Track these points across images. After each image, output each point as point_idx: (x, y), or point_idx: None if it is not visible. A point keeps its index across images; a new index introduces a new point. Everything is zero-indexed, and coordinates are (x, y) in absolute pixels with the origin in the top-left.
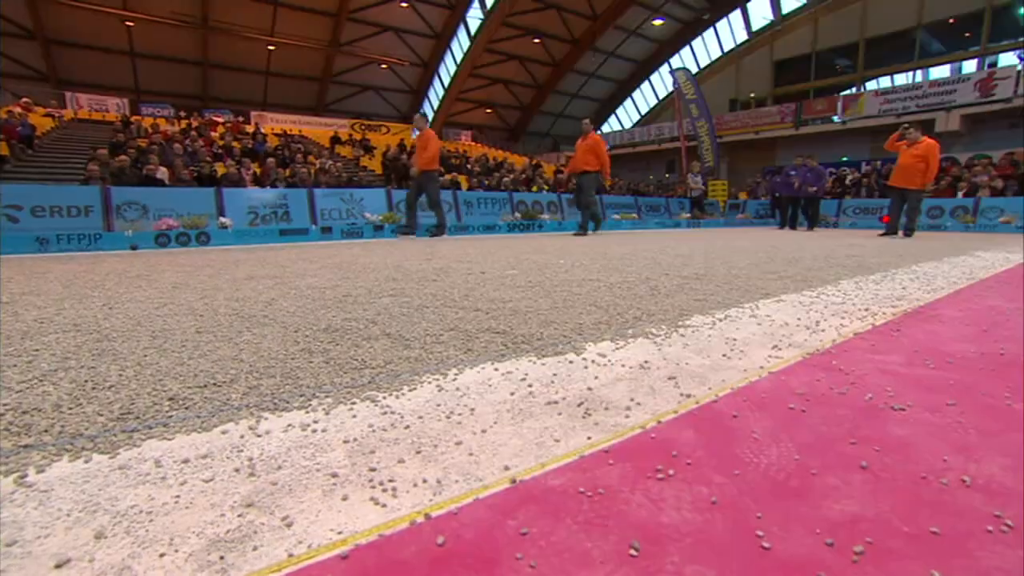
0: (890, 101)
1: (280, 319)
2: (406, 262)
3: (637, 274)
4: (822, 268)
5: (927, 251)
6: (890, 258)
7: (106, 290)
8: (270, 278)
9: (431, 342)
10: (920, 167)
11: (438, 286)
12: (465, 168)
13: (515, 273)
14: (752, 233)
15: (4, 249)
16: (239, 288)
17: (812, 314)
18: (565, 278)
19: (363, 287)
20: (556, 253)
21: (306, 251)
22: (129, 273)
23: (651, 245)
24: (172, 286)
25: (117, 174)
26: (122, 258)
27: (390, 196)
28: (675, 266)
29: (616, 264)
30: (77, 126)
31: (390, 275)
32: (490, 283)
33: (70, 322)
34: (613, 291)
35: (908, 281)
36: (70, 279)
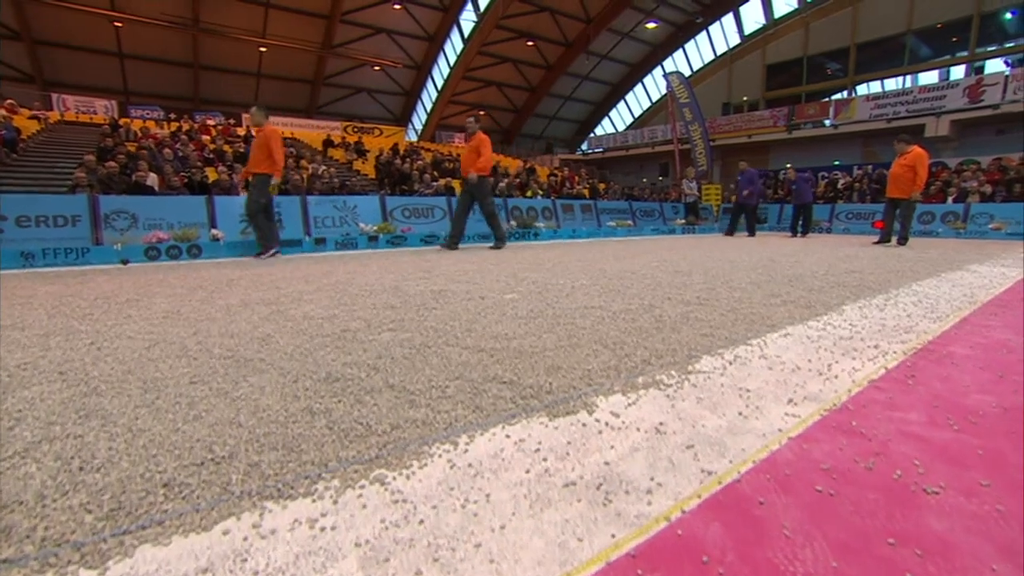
0: (881, 106)
1: (278, 363)
2: (404, 283)
3: (639, 299)
4: (824, 289)
5: (923, 264)
6: (888, 275)
7: (94, 321)
8: (265, 304)
9: (437, 396)
10: (909, 176)
11: (438, 316)
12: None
13: (515, 298)
14: (747, 242)
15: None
16: (233, 319)
17: (822, 354)
18: (566, 306)
19: (361, 318)
20: (553, 270)
21: (301, 266)
22: (118, 298)
23: (648, 258)
24: (163, 315)
25: (106, 181)
26: (111, 276)
27: (384, 203)
28: (676, 287)
29: (616, 285)
30: (64, 129)
31: (388, 301)
32: (491, 312)
33: (56, 368)
34: (617, 322)
35: (911, 306)
36: (56, 305)
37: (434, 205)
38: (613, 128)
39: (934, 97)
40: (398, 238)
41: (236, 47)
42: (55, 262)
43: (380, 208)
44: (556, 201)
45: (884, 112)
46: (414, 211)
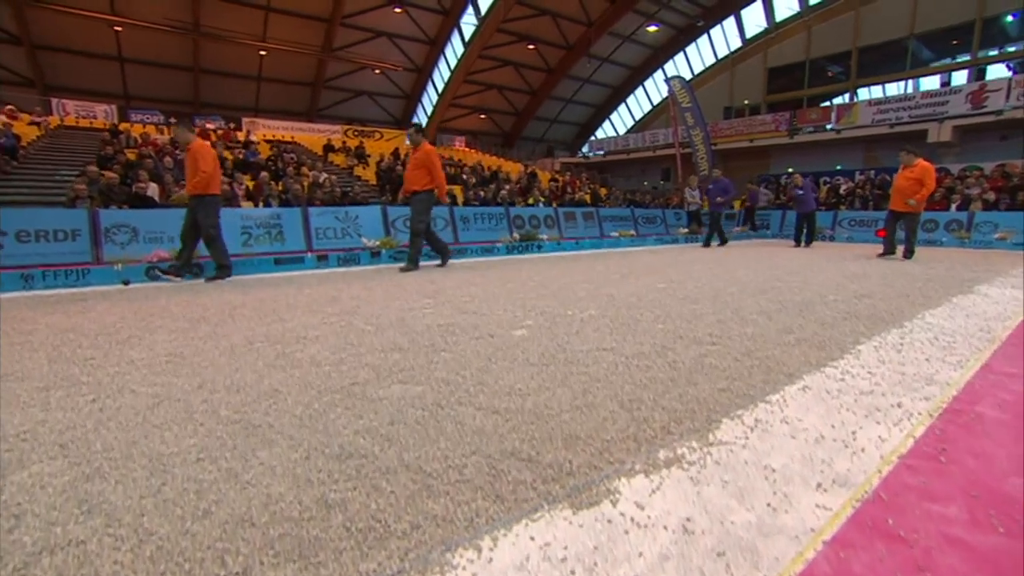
0: (883, 111)
1: (287, 430)
2: (410, 313)
3: (651, 338)
4: (836, 322)
5: (932, 285)
6: (899, 300)
7: (95, 368)
8: (270, 344)
9: (455, 478)
10: (915, 189)
11: (448, 362)
12: (460, 178)
13: (524, 335)
14: (749, 252)
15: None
16: (238, 364)
17: (844, 415)
18: (577, 347)
19: (369, 364)
20: (560, 294)
21: (305, 289)
22: (120, 334)
23: (654, 279)
24: (166, 358)
25: (106, 191)
26: (112, 302)
27: (385, 213)
28: (686, 318)
29: (625, 317)
30: (64, 134)
31: (395, 341)
32: (501, 356)
33: (56, 437)
34: (631, 370)
35: (928, 344)
36: (57, 346)
37: (436, 215)
38: (614, 131)
39: (937, 103)
40: (400, 252)
41: (237, 51)
42: (55, 283)
43: (382, 218)
44: (558, 209)
45: (887, 117)
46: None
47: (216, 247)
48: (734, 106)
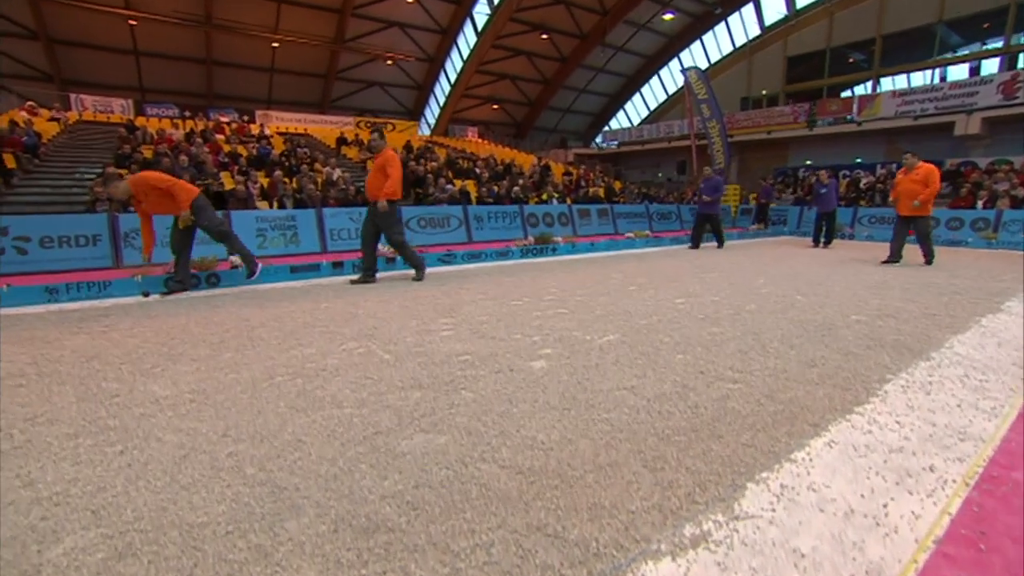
0: (908, 103)
1: (313, 494)
2: (428, 336)
3: (672, 373)
4: (860, 351)
5: (958, 301)
6: (924, 322)
7: (121, 409)
8: (290, 377)
9: (482, 560)
10: (921, 191)
11: (468, 404)
12: (474, 172)
13: (543, 368)
14: (766, 253)
15: (14, 299)
16: (260, 408)
17: (874, 481)
18: (598, 387)
19: (391, 406)
20: (578, 312)
21: (321, 303)
22: (143, 363)
23: (672, 292)
24: (190, 397)
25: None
26: (133, 319)
27: (399, 214)
28: (705, 345)
29: (645, 344)
30: (82, 129)
31: (415, 376)
32: (521, 398)
33: (87, 502)
34: (652, 417)
35: (959, 384)
36: (83, 378)
37: (450, 214)
38: (628, 122)
39: (965, 93)
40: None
41: (249, 43)
42: (79, 296)
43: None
44: (572, 207)
45: (911, 109)
46: (430, 221)
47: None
48: (751, 96)
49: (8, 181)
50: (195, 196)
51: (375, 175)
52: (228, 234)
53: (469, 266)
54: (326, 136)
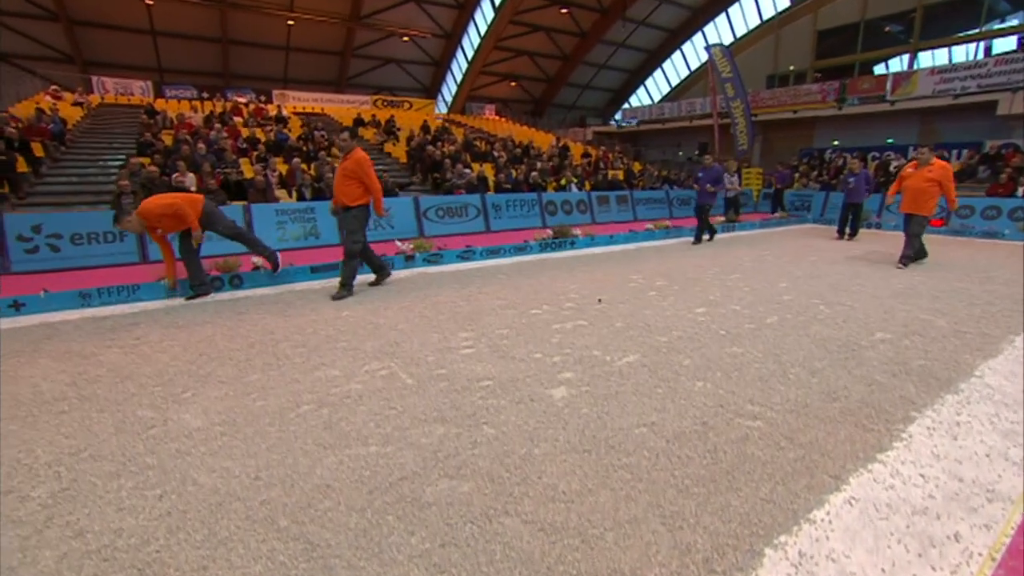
0: (947, 80)
1: (344, 553)
2: (448, 356)
3: (692, 408)
4: (885, 377)
5: (991, 309)
6: (952, 341)
7: (157, 443)
8: (316, 407)
9: None
10: (934, 191)
11: (490, 442)
12: (491, 155)
13: (564, 397)
14: (788, 248)
15: (51, 304)
16: (289, 447)
17: (896, 552)
18: (618, 424)
19: (414, 444)
20: (596, 325)
21: (343, 312)
22: (174, 386)
23: (692, 299)
24: (220, 429)
25: (148, 185)
26: (163, 330)
27: (417, 205)
28: (725, 370)
29: (664, 369)
30: (105, 113)
31: (438, 407)
32: (542, 434)
33: (132, 558)
34: (672, 462)
35: (987, 426)
36: (119, 403)
37: (467, 203)
38: (649, 98)
39: (1013, 69)
40: (434, 256)
41: (264, 21)
42: (109, 300)
43: (414, 210)
44: (591, 193)
45: (950, 87)
46: (448, 211)
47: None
48: (778, 73)
49: (37, 171)
50: (202, 205)
51: (345, 181)
52: (242, 233)
53: (488, 262)
54: (343, 116)
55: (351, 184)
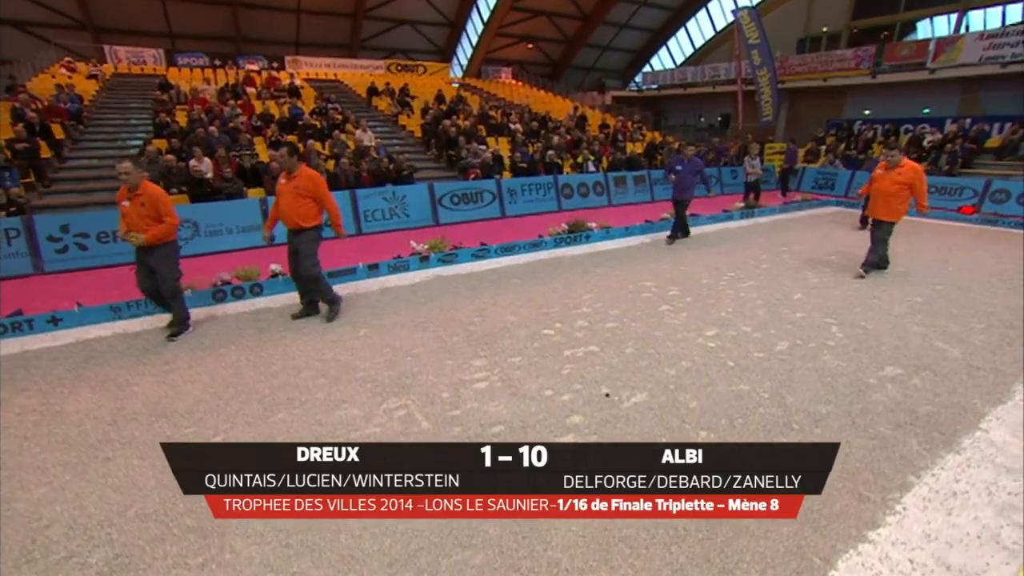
0: (997, 46)
1: None
2: (462, 391)
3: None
4: (889, 429)
5: (1009, 335)
6: (964, 379)
7: (193, 499)
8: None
9: None
10: (904, 195)
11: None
12: (507, 128)
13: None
14: (807, 242)
15: (85, 319)
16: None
17: None
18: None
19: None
20: (607, 351)
21: (360, 330)
22: (206, 427)
23: (704, 317)
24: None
25: (165, 174)
26: (191, 355)
27: (432, 192)
28: (729, 415)
29: (669, 411)
30: (119, 84)
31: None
32: (554, 544)
33: None
34: (667, 547)
35: (984, 499)
36: (157, 446)
37: (483, 189)
38: (671, 61)
39: None
40: (449, 256)
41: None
42: (138, 312)
43: (429, 197)
44: (608, 174)
45: (1000, 54)
46: (463, 197)
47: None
48: (809, 35)
49: (60, 155)
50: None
51: (298, 200)
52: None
53: (502, 261)
54: (357, 84)
55: (305, 203)
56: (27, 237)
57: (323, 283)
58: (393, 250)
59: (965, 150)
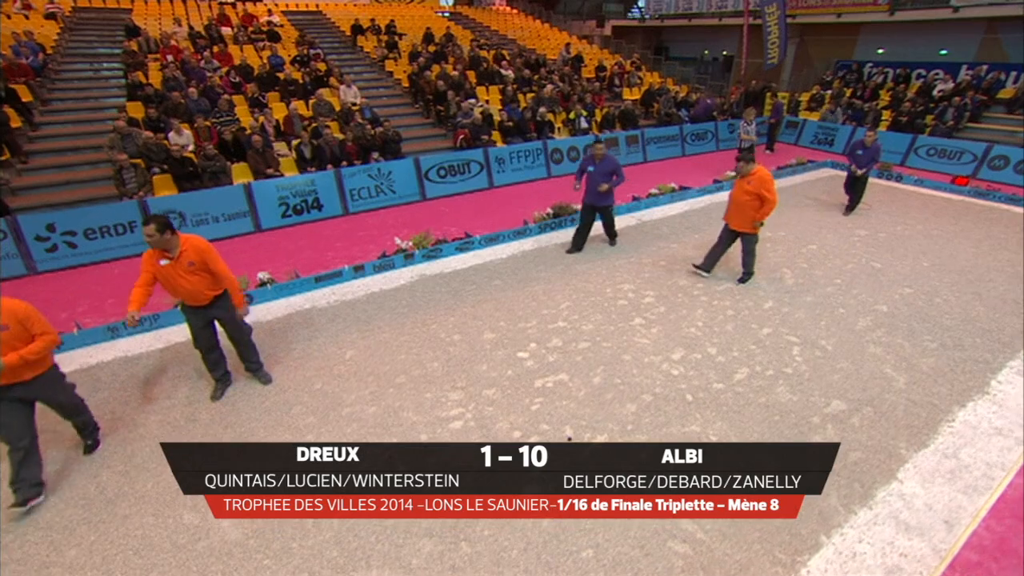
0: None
1: None
2: (439, 431)
3: (633, 527)
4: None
5: (958, 356)
6: (899, 416)
7: (203, 561)
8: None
9: None
10: (754, 205)
11: (465, 567)
12: (499, 76)
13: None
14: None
15: (84, 341)
16: (309, 570)
17: None
18: (570, 544)
19: (405, 565)
20: (577, 379)
21: (346, 356)
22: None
23: (674, 331)
24: (254, 544)
25: (145, 152)
26: (191, 393)
27: (418, 166)
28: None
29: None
30: (82, 23)
31: (428, 526)
32: (506, 559)
33: None
34: None
35: (876, 564)
36: (168, 502)
37: (469, 159)
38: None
39: None
40: (433, 251)
41: None
42: (135, 331)
43: (415, 171)
44: (599, 137)
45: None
46: (450, 169)
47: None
48: None
49: (31, 121)
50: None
51: (194, 278)
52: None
53: (486, 254)
54: (340, 18)
55: (204, 276)
56: (15, 239)
57: (87, 416)
58: (380, 230)
59: (975, 103)
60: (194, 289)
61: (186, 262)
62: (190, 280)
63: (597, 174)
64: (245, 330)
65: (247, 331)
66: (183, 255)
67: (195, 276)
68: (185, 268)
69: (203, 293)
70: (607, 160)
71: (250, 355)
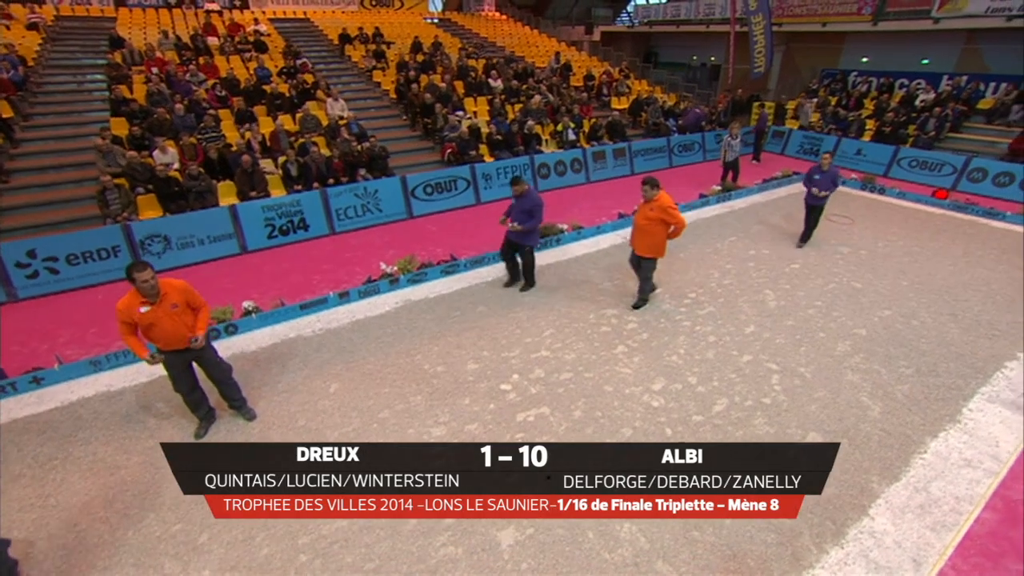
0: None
1: None
2: None
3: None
4: (782, 532)
5: (932, 382)
6: (872, 449)
7: None
8: (310, 558)
9: None
10: (657, 232)
11: None
12: (487, 86)
13: (512, 547)
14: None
15: (66, 375)
16: None
17: None
18: None
19: None
20: (556, 414)
21: (331, 390)
22: (191, 523)
23: (656, 359)
24: None
25: (130, 172)
26: (175, 432)
27: (405, 184)
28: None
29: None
30: (64, 33)
31: (407, 563)
32: None
33: None
34: None
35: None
36: (149, 549)
37: (456, 176)
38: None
39: None
40: (419, 275)
41: None
42: (117, 364)
43: (402, 189)
44: (586, 151)
45: (1005, 6)
46: (436, 186)
47: None
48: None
49: (11, 138)
50: None
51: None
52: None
53: (470, 277)
54: (328, 27)
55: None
56: None
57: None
58: (366, 250)
59: (956, 113)
60: (177, 331)
61: (169, 305)
62: (174, 322)
63: (515, 211)
64: (224, 368)
65: (227, 369)
66: (165, 298)
67: (179, 317)
68: (168, 311)
69: (184, 335)
70: (527, 197)
71: (232, 393)
